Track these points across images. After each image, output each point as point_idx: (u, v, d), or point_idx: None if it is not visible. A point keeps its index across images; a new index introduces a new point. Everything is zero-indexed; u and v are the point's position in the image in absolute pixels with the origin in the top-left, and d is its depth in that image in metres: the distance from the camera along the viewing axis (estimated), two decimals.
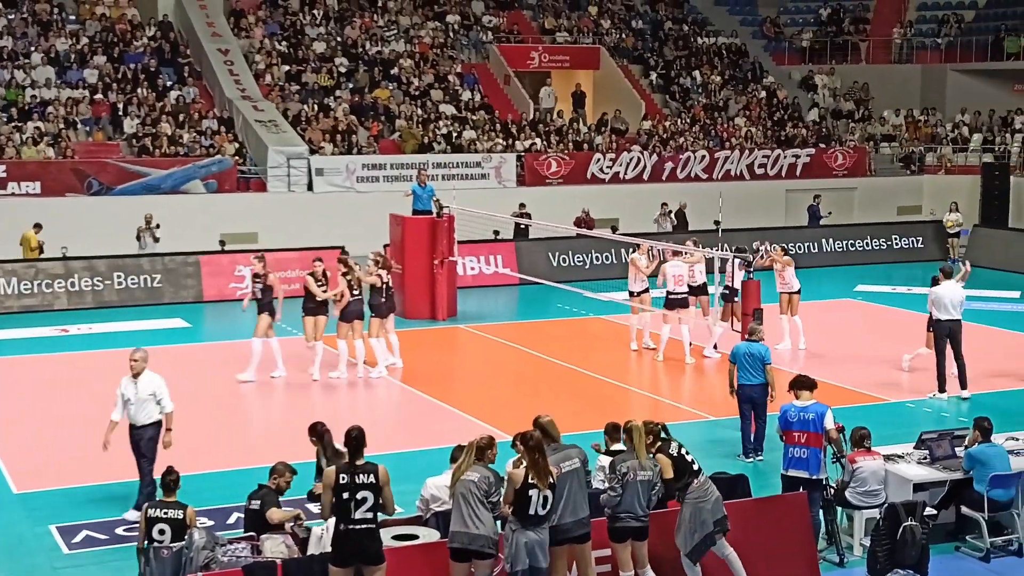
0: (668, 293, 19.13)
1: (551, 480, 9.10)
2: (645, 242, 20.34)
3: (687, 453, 9.95)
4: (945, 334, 16.72)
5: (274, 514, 9.92)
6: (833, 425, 11.07)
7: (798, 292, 19.90)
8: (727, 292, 18.85)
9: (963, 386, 16.90)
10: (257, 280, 17.83)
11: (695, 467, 9.89)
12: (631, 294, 19.70)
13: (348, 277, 17.69)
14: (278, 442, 14.49)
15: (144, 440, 12.10)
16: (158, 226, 25.39)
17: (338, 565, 8.89)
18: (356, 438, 9.03)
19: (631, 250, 20.50)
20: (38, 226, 24.65)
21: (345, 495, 8.81)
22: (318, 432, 10.94)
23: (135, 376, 12.12)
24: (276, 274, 18.20)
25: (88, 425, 15.72)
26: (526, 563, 9.06)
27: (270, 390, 17.42)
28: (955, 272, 17.36)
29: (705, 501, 9.80)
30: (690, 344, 19.12)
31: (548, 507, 9.12)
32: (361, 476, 8.86)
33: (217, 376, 18.17)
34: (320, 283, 17.68)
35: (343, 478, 8.85)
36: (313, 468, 11.15)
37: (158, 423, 12.14)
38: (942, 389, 16.94)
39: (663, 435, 10.03)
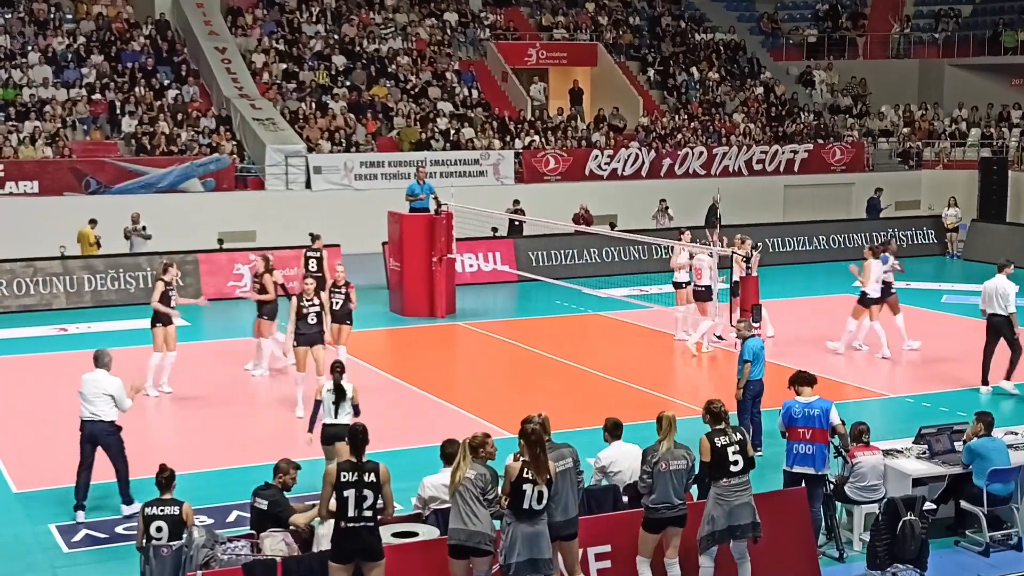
0: (695, 286, 19.37)
1: (549, 476, 9.10)
2: (676, 244, 20.46)
3: (735, 452, 9.82)
4: (990, 327, 16.86)
5: (299, 519, 9.91)
6: (839, 420, 11.07)
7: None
8: (885, 287, 19.41)
9: (983, 381, 17.05)
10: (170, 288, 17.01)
11: (734, 469, 9.79)
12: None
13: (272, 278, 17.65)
14: (278, 440, 14.49)
15: None
16: (144, 228, 25.20)
17: (338, 562, 8.91)
18: (360, 435, 9.05)
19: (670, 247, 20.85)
20: (93, 222, 24.58)
21: (346, 493, 8.82)
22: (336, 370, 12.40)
23: None
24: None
25: None
26: (522, 555, 9.05)
27: (268, 389, 17.41)
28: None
29: (725, 502, 9.78)
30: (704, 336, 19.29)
31: (544, 502, 9.12)
32: (364, 474, 8.87)
33: (216, 374, 18.16)
34: (311, 302, 15.57)
35: (345, 476, 8.87)
36: (317, 465, 11.16)
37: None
38: (984, 381, 17.14)
39: (720, 424, 9.95)
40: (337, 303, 16.87)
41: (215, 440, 15.17)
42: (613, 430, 10.86)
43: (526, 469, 9.06)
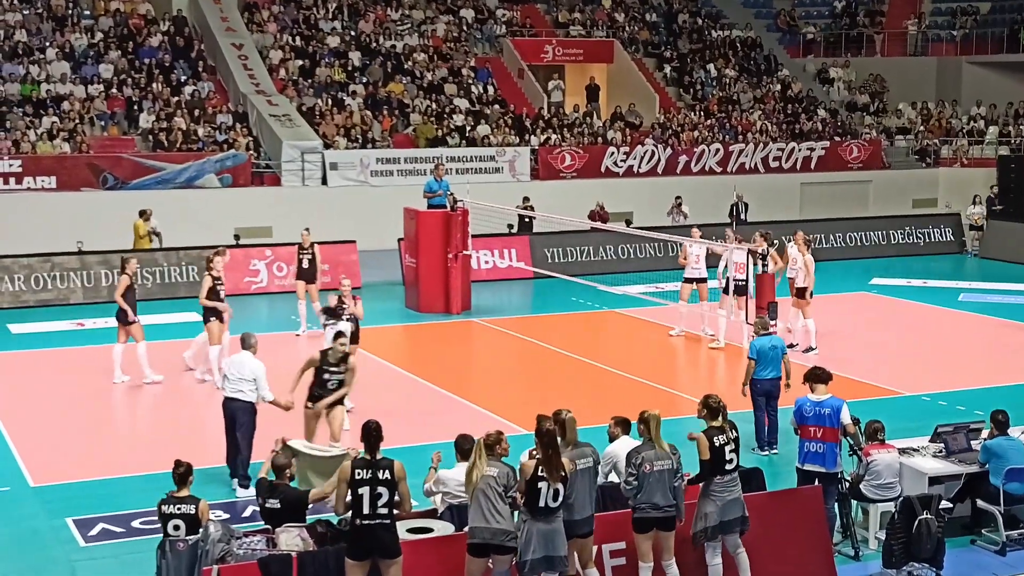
0: (735, 280, 19.35)
1: (563, 474, 9.10)
2: (685, 241, 20.58)
3: (731, 451, 9.86)
4: None
5: (323, 491, 9.93)
6: (850, 420, 11.04)
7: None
8: None
9: None
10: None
11: (727, 467, 9.84)
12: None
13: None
14: (295, 434, 14.50)
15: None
16: (156, 231, 25.14)
17: (354, 559, 8.92)
18: (374, 432, 9.06)
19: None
20: (144, 213, 24.54)
21: (361, 490, 8.83)
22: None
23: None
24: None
25: (104, 418, 15.83)
26: (538, 552, 9.07)
27: (286, 383, 17.39)
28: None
29: (715, 497, 9.81)
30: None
31: (559, 500, 9.13)
32: (378, 472, 8.88)
33: None
34: (335, 370, 13.07)
35: (359, 473, 8.88)
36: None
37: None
38: None
39: (717, 419, 9.91)
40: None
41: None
42: (624, 426, 10.89)
43: (540, 468, 9.07)
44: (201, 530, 9.37)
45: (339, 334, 13.57)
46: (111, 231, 25.40)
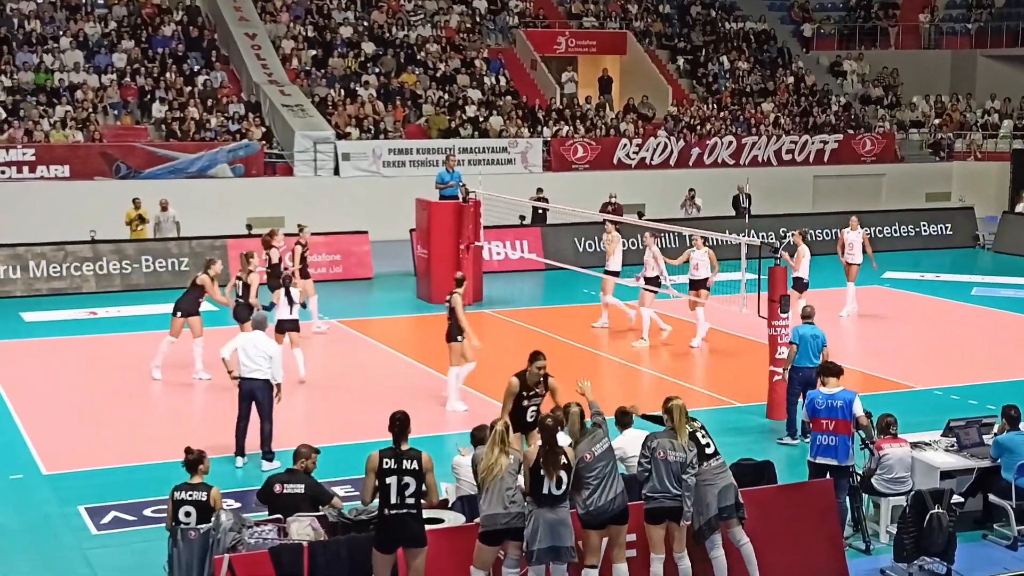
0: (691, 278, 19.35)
1: (564, 462, 9.12)
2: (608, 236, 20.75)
3: (704, 436, 9.94)
4: None
5: (338, 501, 10.13)
6: (863, 412, 11.03)
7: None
8: None
9: None
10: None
11: (708, 451, 9.90)
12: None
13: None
14: (306, 425, 14.55)
15: None
16: (173, 216, 25.14)
17: (382, 550, 8.94)
18: (400, 423, 9.08)
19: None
20: (136, 201, 24.64)
21: (388, 480, 8.86)
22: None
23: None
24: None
25: (117, 407, 15.87)
26: (544, 542, 9.08)
27: (300, 375, 17.44)
28: None
29: (712, 485, 9.82)
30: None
31: (563, 488, 9.13)
32: (405, 461, 8.90)
33: None
34: (534, 394, 11.70)
35: (387, 463, 8.90)
36: (337, 451, 11.21)
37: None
38: None
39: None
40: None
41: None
42: (622, 418, 10.89)
43: (540, 457, 9.11)
44: (213, 518, 9.39)
45: (536, 354, 11.73)
46: (124, 220, 25.43)
